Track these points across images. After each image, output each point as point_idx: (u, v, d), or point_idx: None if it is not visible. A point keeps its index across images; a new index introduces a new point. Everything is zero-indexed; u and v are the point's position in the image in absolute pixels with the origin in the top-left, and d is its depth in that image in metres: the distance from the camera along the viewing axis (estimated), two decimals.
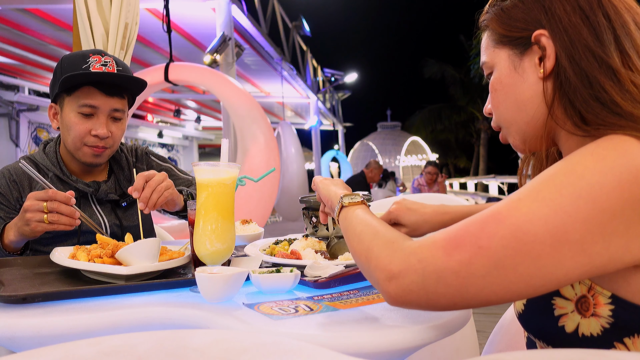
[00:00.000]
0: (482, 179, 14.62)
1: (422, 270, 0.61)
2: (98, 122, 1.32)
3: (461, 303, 0.61)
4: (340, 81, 17.67)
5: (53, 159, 1.38)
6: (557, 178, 0.61)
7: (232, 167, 0.92)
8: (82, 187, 1.37)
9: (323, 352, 0.42)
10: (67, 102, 1.33)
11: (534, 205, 0.59)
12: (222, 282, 0.83)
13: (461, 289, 0.60)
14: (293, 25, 11.64)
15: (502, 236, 0.58)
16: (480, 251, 0.59)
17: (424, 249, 0.62)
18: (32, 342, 0.77)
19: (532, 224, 0.58)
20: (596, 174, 0.59)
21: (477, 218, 0.62)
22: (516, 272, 0.58)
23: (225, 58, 6.02)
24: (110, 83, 1.33)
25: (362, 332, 0.68)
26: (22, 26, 6.71)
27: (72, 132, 1.32)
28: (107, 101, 1.32)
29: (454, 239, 0.61)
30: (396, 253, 0.64)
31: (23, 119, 8.24)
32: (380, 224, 0.74)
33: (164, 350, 0.41)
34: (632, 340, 0.63)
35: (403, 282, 0.62)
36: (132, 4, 2.34)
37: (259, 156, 4.87)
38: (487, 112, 0.84)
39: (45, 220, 1.09)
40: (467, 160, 28.81)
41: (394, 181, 7.24)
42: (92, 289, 0.89)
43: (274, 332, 0.69)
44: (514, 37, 0.75)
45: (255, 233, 1.37)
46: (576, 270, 0.58)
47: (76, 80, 1.29)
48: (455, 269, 0.59)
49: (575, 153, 0.63)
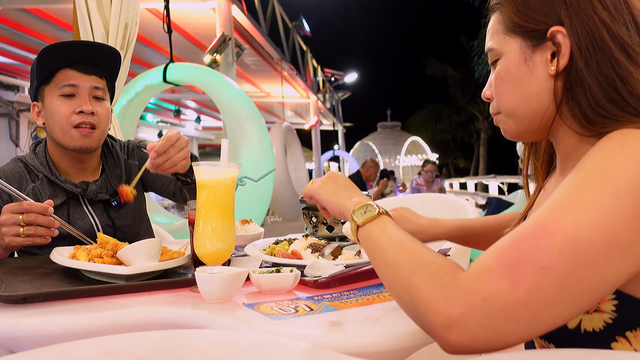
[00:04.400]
0: (482, 179, 14.61)
1: (489, 310, 0.53)
2: (80, 100, 1.31)
3: (530, 336, 0.55)
4: (340, 81, 17.68)
5: (42, 159, 1.36)
6: (592, 180, 0.58)
7: (232, 167, 0.92)
8: (70, 188, 1.34)
9: (323, 352, 0.42)
10: (47, 92, 1.32)
11: (580, 211, 0.56)
12: (222, 282, 0.83)
13: (531, 321, 0.53)
14: (293, 25, 11.64)
15: (560, 250, 0.54)
16: (544, 272, 0.53)
17: (485, 284, 0.54)
18: (32, 342, 0.77)
19: (584, 232, 0.54)
20: (629, 170, 0.57)
21: (524, 235, 0.57)
22: (580, 288, 0.54)
23: (225, 58, 6.02)
24: (85, 60, 1.32)
25: (362, 332, 0.68)
26: (22, 26, 6.71)
27: (57, 115, 1.30)
28: (86, 79, 1.32)
29: (511, 264, 0.55)
30: (452, 292, 0.55)
31: (23, 119, 8.24)
32: (414, 243, 0.64)
33: (164, 350, 0.41)
34: (633, 333, 0.62)
35: (467, 327, 0.53)
36: (132, 4, 2.34)
37: (251, 156, 4.68)
38: (485, 97, 0.82)
39: (21, 234, 1.06)
40: (467, 160, 28.79)
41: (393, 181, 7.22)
42: (92, 289, 0.89)
43: (274, 332, 0.69)
44: (528, 29, 0.72)
45: (255, 233, 1.37)
46: (625, 273, 0.56)
47: (53, 61, 1.28)
48: (524, 300, 0.53)
49: (597, 152, 0.61)
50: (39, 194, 1.33)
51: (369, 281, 0.97)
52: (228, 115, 4.86)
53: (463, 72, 24.59)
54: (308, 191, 0.85)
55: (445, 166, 30.25)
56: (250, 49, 8.42)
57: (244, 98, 4.93)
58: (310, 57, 13.93)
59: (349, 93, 21.53)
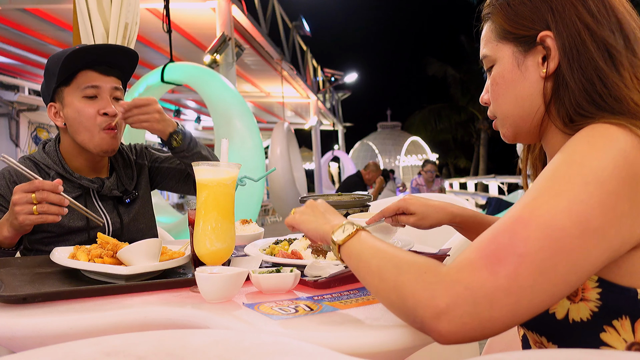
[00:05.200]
0: (482, 179, 14.62)
1: (473, 298, 0.56)
2: (103, 102, 1.35)
3: (513, 322, 0.58)
4: (340, 81, 17.67)
5: (54, 157, 1.38)
6: (562, 170, 0.61)
7: (232, 167, 0.92)
8: (86, 184, 1.37)
9: (323, 352, 0.42)
10: (67, 93, 1.35)
11: (552, 200, 0.59)
12: (222, 282, 0.83)
13: (514, 307, 0.56)
14: (293, 25, 11.64)
15: (535, 238, 0.57)
16: (522, 259, 0.56)
17: (467, 274, 0.57)
18: (32, 342, 0.77)
19: (558, 219, 0.58)
20: (594, 159, 0.60)
21: (501, 228, 0.60)
22: (557, 273, 0.57)
23: (225, 58, 6.02)
24: (106, 61, 1.36)
25: (362, 332, 0.68)
26: (22, 26, 6.71)
27: (83, 117, 1.33)
28: (107, 80, 1.36)
29: (491, 255, 0.58)
30: (436, 285, 0.58)
31: (23, 119, 8.23)
32: (394, 249, 0.67)
33: (164, 350, 0.41)
34: (620, 322, 0.64)
35: (454, 316, 0.56)
36: (132, 4, 2.34)
37: (240, 154, 4.45)
38: (483, 102, 0.86)
39: (34, 212, 1.08)
40: (467, 160, 28.79)
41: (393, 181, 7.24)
42: (92, 289, 0.89)
43: (274, 332, 0.69)
44: (519, 35, 0.75)
45: (255, 233, 1.37)
46: (600, 258, 0.59)
47: (74, 63, 1.31)
48: (505, 286, 0.56)
49: (567, 146, 0.65)
50: None
51: None
52: (216, 112, 4.62)
53: (463, 72, 24.59)
54: (290, 221, 0.90)
55: (445, 166, 30.25)
56: (250, 49, 8.42)
57: (233, 95, 4.68)
58: (310, 57, 13.93)
59: (349, 93, 21.53)
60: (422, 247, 1.24)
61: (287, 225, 0.91)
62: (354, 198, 1.35)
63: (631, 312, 0.63)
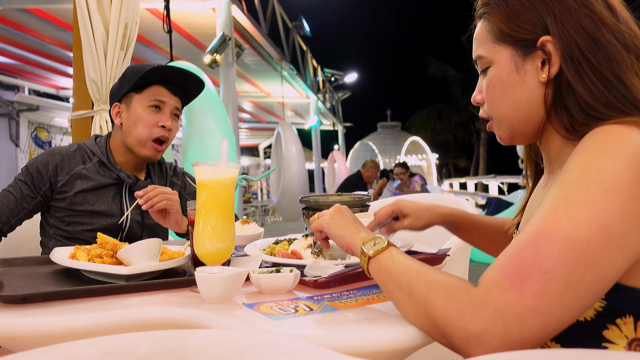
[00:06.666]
0: (482, 179, 14.63)
1: (502, 320, 0.56)
2: (164, 116, 1.51)
3: (543, 339, 0.57)
4: (340, 81, 17.67)
5: (102, 147, 1.53)
6: (580, 180, 0.61)
7: (232, 167, 0.92)
8: (123, 176, 1.51)
9: (323, 352, 0.42)
10: (135, 100, 1.50)
11: (572, 212, 0.58)
12: (222, 282, 0.83)
13: (543, 325, 0.56)
14: (293, 25, 11.63)
15: (559, 252, 0.57)
16: (547, 276, 0.56)
17: (494, 295, 0.57)
18: (32, 342, 0.77)
19: (579, 231, 0.57)
20: (610, 166, 0.60)
21: (523, 244, 0.59)
22: (583, 285, 0.56)
23: (225, 58, 6.02)
24: (174, 83, 1.52)
25: (362, 332, 0.68)
26: (22, 26, 6.70)
27: (142, 123, 1.49)
28: (172, 98, 1.53)
29: (515, 273, 0.57)
30: (466, 307, 0.58)
31: (23, 119, 8.23)
32: (425, 267, 0.68)
33: (164, 350, 0.41)
34: (623, 320, 0.64)
35: (484, 340, 0.56)
36: (132, 4, 2.34)
37: (209, 152, 4.34)
38: (475, 102, 0.85)
39: None
40: (467, 160, 28.80)
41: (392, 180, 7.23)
42: (92, 289, 0.89)
43: (274, 332, 0.69)
44: (518, 38, 0.74)
45: (255, 233, 1.37)
46: (623, 264, 0.58)
47: (151, 77, 1.47)
48: (533, 306, 0.55)
49: (580, 153, 0.64)
50: (86, 173, 1.49)
51: (369, 281, 0.97)
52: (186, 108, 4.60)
53: (463, 72, 24.59)
54: (318, 225, 0.89)
55: (445, 166, 30.25)
56: (250, 49, 8.42)
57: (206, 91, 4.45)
58: (310, 57, 13.92)
59: (349, 93, 21.53)
60: (422, 247, 1.24)
61: (314, 230, 0.91)
62: (353, 198, 1.35)
63: (635, 311, 0.63)
